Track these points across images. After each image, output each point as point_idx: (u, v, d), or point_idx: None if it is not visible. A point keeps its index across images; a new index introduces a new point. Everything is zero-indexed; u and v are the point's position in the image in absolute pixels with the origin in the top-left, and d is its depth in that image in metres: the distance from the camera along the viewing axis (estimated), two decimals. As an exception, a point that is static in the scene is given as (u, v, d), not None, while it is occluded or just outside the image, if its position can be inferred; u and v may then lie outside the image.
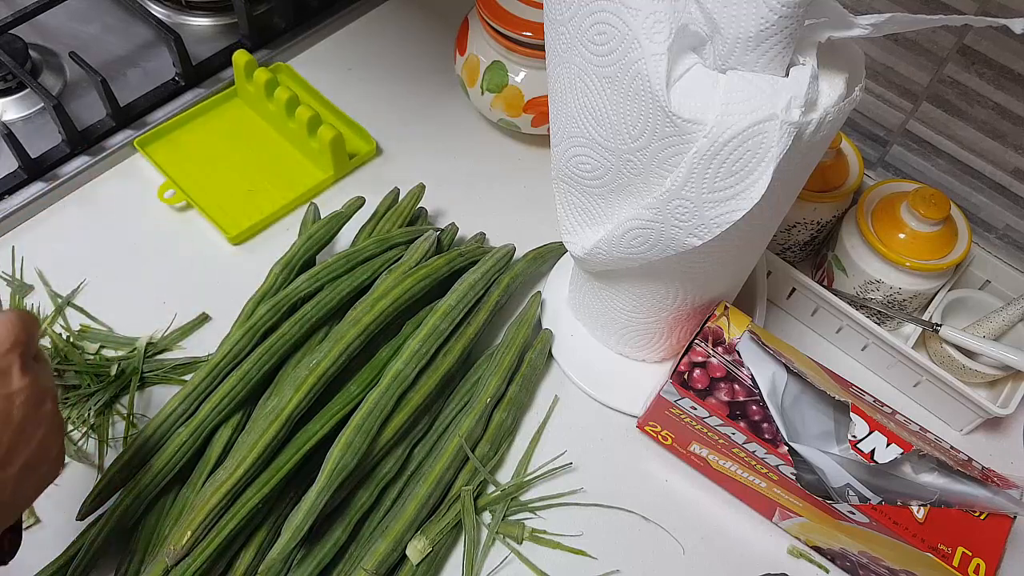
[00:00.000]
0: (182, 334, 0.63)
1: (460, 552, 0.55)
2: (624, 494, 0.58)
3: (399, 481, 0.55)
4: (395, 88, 0.80)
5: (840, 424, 0.51)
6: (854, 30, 0.41)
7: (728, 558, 0.56)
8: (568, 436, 0.60)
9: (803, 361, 0.53)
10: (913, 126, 0.67)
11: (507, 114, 0.72)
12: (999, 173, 0.64)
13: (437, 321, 0.57)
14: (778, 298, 0.66)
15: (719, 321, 0.54)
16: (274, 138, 0.75)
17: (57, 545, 0.51)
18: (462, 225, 0.68)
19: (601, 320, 0.61)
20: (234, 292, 0.62)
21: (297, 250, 0.62)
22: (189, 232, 0.69)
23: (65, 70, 0.77)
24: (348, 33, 0.85)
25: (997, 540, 0.49)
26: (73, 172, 0.70)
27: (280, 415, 0.51)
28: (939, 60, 0.62)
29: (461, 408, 0.59)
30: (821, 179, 0.62)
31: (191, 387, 0.55)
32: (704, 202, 0.43)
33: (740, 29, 0.39)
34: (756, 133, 0.39)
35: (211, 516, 0.48)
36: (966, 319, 0.64)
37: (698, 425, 0.53)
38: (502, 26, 0.67)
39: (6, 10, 0.75)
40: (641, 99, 0.41)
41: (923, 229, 0.59)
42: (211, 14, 0.82)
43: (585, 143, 0.46)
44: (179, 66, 0.76)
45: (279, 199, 0.71)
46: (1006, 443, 0.62)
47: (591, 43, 0.42)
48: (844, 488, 0.50)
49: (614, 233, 0.48)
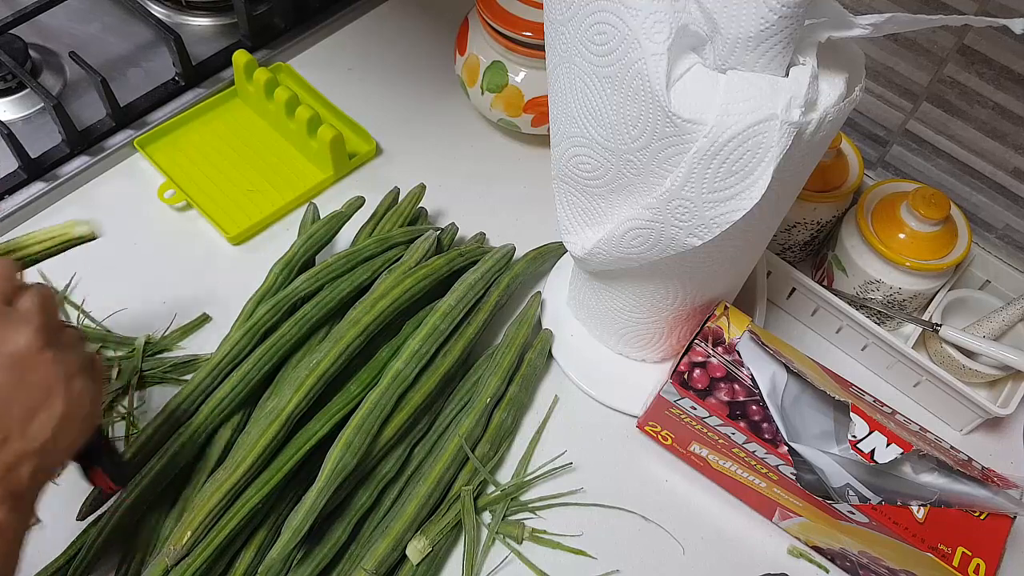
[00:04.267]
0: (182, 334, 0.63)
1: (460, 552, 0.55)
2: (624, 494, 0.58)
3: (399, 481, 0.55)
4: (395, 88, 0.80)
5: (840, 424, 0.52)
6: (854, 30, 0.41)
7: (728, 558, 0.56)
8: (568, 436, 0.60)
9: (803, 361, 0.53)
10: (913, 126, 0.67)
11: (507, 114, 0.72)
12: (999, 173, 0.64)
13: (437, 321, 0.57)
14: (778, 298, 0.66)
15: (719, 321, 0.54)
16: (274, 138, 0.75)
17: (57, 545, 0.51)
18: (462, 225, 0.68)
19: (601, 320, 0.61)
20: (234, 292, 0.62)
21: (297, 250, 0.62)
22: (189, 232, 0.69)
23: (65, 70, 0.77)
24: (348, 33, 0.85)
25: (997, 540, 0.49)
26: (73, 172, 0.70)
27: (280, 415, 0.51)
28: (939, 60, 0.62)
29: (461, 408, 0.59)
30: (821, 179, 0.62)
31: (191, 387, 0.55)
32: (704, 202, 0.43)
33: (740, 29, 0.39)
34: (756, 133, 0.39)
35: (211, 516, 0.48)
36: (966, 319, 0.64)
37: (698, 425, 0.53)
38: (502, 26, 0.67)
39: (6, 10, 0.75)
40: (641, 99, 0.41)
41: (923, 229, 0.59)
42: (211, 14, 0.82)
43: (585, 143, 0.46)
44: (179, 66, 0.76)
45: (279, 199, 0.71)
46: (1006, 443, 0.62)
47: (591, 43, 0.42)
48: (844, 488, 0.50)
49: (614, 233, 0.48)
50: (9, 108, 0.74)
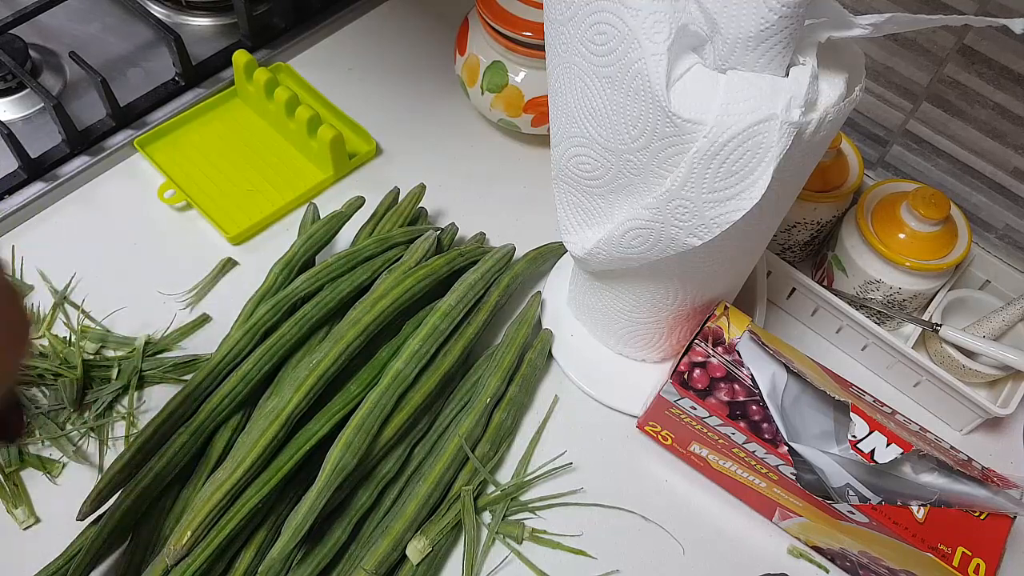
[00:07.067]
0: (182, 334, 0.63)
1: (460, 552, 0.55)
2: (624, 494, 0.58)
3: (399, 481, 0.55)
4: (395, 88, 0.80)
5: (840, 424, 0.52)
6: (854, 30, 0.41)
7: (728, 558, 0.56)
8: (568, 436, 0.60)
9: (803, 361, 0.53)
10: (913, 126, 0.67)
11: (507, 114, 0.72)
12: (999, 173, 0.64)
13: (437, 321, 0.57)
14: (778, 298, 0.66)
15: (719, 321, 0.54)
16: (274, 138, 0.75)
17: (57, 545, 0.51)
18: (462, 225, 0.68)
19: (601, 320, 0.61)
20: (234, 292, 0.62)
21: (297, 250, 0.62)
22: (189, 232, 0.69)
23: (65, 70, 0.77)
24: (348, 33, 0.85)
25: (997, 540, 0.49)
26: (73, 172, 0.70)
27: (280, 415, 0.51)
28: (939, 60, 0.62)
29: (461, 408, 0.59)
30: (821, 179, 0.62)
31: (191, 387, 0.55)
32: (704, 202, 0.43)
33: (740, 29, 0.39)
34: (756, 133, 0.39)
35: (211, 516, 0.48)
36: (966, 319, 0.64)
37: (698, 425, 0.53)
38: (502, 26, 0.67)
39: (6, 10, 0.75)
40: (641, 99, 0.41)
41: (923, 229, 0.59)
42: (211, 14, 0.82)
43: (585, 143, 0.46)
44: (179, 66, 0.76)
45: (279, 199, 0.71)
46: (1006, 443, 0.62)
47: (591, 43, 0.42)
48: (844, 488, 0.50)
49: (614, 233, 0.48)
50: (9, 108, 0.74)
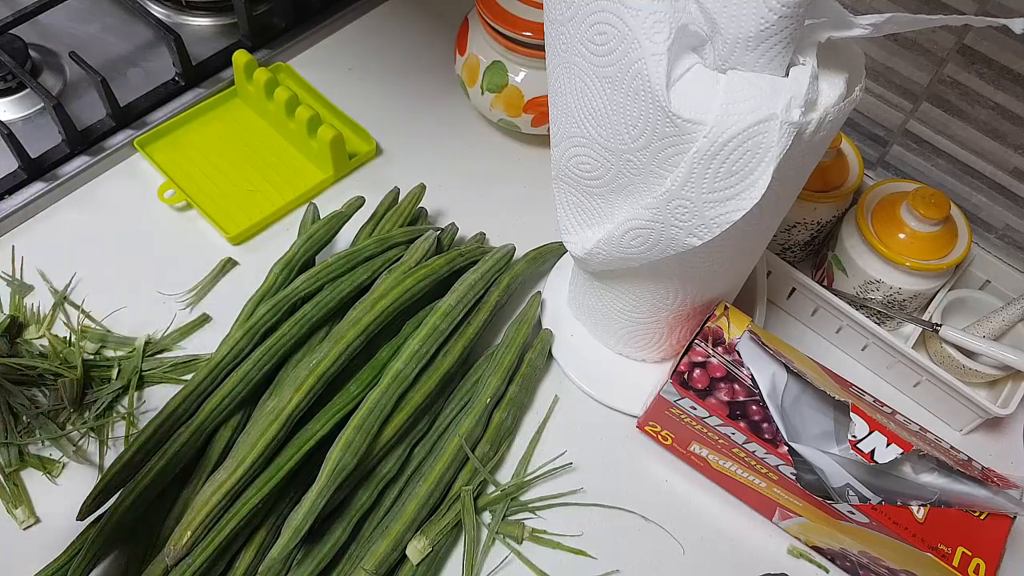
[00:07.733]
0: (182, 334, 0.63)
1: (460, 552, 0.55)
2: (624, 494, 0.58)
3: (399, 481, 0.55)
4: (395, 88, 0.80)
5: (840, 424, 0.52)
6: (854, 30, 0.41)
7: (728, 558, 0.56)
8: (568, 436, 0.60)
9: (803, 361, 0.53)
10: (913, 126, 0.67)
11: (507, 114, 0.72)
12: (999, 173, 0.64)
13: (437, 321, 0.57)
14: (778, 298, 0.66)
15: (719, 321, 0.54)
16: (274, 138, 0.75)
17: (57, 545, 0.51)
18: (462, 225, 0.68)
19: (601, 320, 0.61)
20: (234, 292, 0.62)
21: (297, 250, 0.62)
22: (189, 232, 0.69)
23: (65, 70, 0.77)
24: (348, 33, 0.85)
25: (997, 540, 0.49)
26: (73, 172, 0.70)
27: (280, 415, 0.51)
28: (939, 60, 0.62)
29: (461, 408, 0.59)
30: (821, 179, 0.62)
31: (191, 387, 0.55)
32: (704, 202, 0.43)
33: (740, 29, 0.39)
34: (756, 133, 0.39)
35: (211, 516, 0.48)
36: (966, 319, 0.64)
37: (698, 425, 0.53)
38: (502, 26, 0.67)
39: (6, 10, 0.75)
40: (641, 99, 0.41)
41: (923, 229, 0.59)
42: (211, 14, 0.82)
43: (585, 143, 0.46)
44: (179, 66, 0.76)
45: (279, 199, 0.71)
46: (1006, 443, 0.62)
47: (591, 43, 0.42)
48: (844, 488, 0.50)
49: (614, 233, 0.48)
50: (9, 108, 0.74)
